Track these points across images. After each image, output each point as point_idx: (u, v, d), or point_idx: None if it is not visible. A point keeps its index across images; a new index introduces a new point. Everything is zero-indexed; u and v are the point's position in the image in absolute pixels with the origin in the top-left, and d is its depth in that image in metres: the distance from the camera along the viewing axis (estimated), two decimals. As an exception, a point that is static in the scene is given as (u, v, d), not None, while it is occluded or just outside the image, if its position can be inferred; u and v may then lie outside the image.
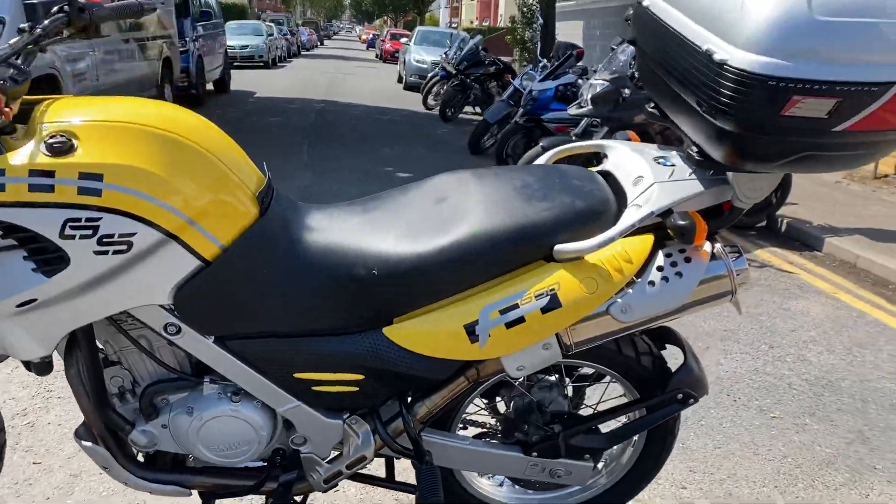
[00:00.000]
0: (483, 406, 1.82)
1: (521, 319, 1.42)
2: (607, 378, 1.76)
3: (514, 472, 1.72)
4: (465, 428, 1.83)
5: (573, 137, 5.31)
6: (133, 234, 1.29)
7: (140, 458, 1.61)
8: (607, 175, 1.61)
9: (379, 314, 1.47)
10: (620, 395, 1.79)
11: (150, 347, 1.49)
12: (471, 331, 1.42)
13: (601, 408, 1.78)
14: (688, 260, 1.45)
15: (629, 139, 1.72)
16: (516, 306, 1.42)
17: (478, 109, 10.98)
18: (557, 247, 1.43)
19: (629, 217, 1.42)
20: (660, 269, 1.44)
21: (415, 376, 1.49)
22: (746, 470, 2.35)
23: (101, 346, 1.49)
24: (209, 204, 1.35)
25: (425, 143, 8.93)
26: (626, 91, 5.02)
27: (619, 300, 1.44)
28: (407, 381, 1.51)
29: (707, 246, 1.47)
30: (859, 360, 3.31)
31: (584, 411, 1.82)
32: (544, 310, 1.41)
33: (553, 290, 1.41)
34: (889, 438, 2.63)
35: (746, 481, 2.29)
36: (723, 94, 1.27)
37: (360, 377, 1.49)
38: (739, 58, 1.25)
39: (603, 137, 5.23)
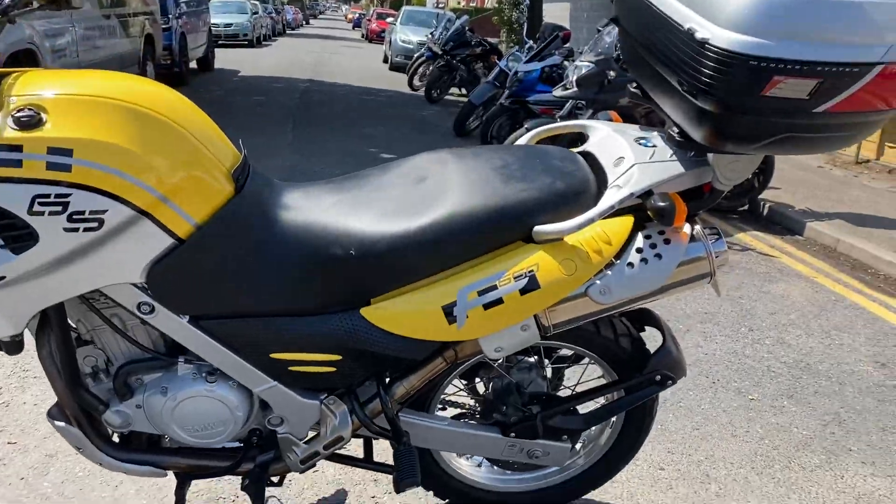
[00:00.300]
0: (462, 387, 1.82)
1: (499, 301, 1.41)
2: (586, 360, 1.76)
3: (491, 452, 1.72)
4: (443, 408, 1.83)
5: (558, 120, 5.30)
6: (104, 211, 1.26)
7: (115, 438, 1.59)
8: (588, 155, 1.60)
9: (356, 295, 1.45)
10: (599, 377, 1.80)
11: (124, 327, 1.47)
12: (449, 312, 1.41)
13: (580, 389, 1.78)
14: (667, 241, 1.44)
15: (611, 119, 1.71)
16: (494, 287, 1.41)
17: (463, 91, 10.93)
18: (536, 228, 1.42)
19: (609, 198, 1.41)
20: (639, 250, 1.44)
21: (392, 357, 1.48)
22: (724, 451, 2.37)
23: (73, 325, 1.47)
24: (183, 181, 1.33)
25: (410, 124, 8.89)
26: (612, 73, 5.00)
27: (597, 282, 1.43)
28: (384, 361, 1.50)
29: (686, 228, 1.46)
30: (837, 343, 3.34)
31: (563, 392, 1.82)
32: (523, 291, 1.40)
33: (532, 271, 1.40)
34: (864, 420, 2.66)
35: (724, 462, 2.31)
36: (704, 74, 1.26)
37: (338, 358, 1.47)
38: (721, 37, 1.23)
39: (587, 119, 5.22)
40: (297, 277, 1.42)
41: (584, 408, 1.72)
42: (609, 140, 1.57)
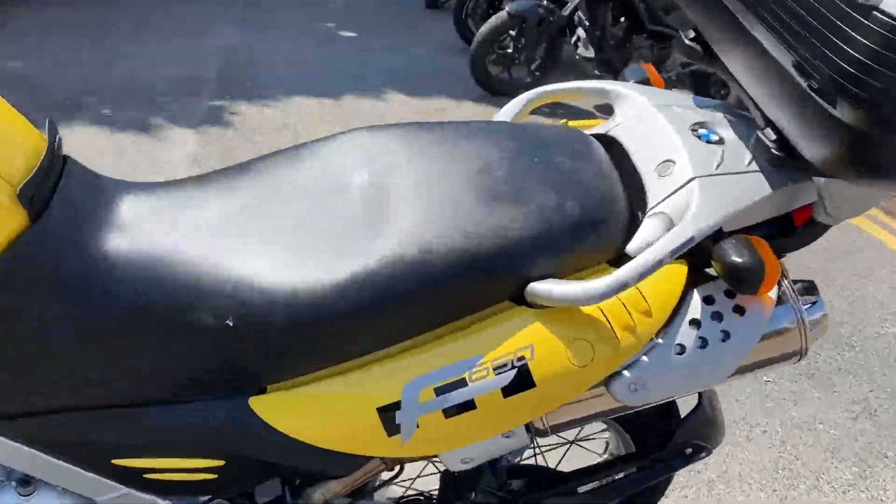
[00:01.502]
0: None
1: (468, 405, 0.88)
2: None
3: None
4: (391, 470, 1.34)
5: (545, 2, 4.57)
6: None
7: None
8: (612, 144, 1.03)
9: (241, 378, 0.91)
10: (602, 430, 1.32)
11: None
12: (388, 415, 0.88)
13: (579, 441, 1.31)
14: (740, 311, 0.91)
15: (646, 79, 1.13)
16: (462, 383, 0.87)
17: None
18: (533, 286, 0.87)
19: (652, 248, 0.85)
20: (695, 323, 0.90)
21: (302, 470, 0.97)
22: (739, 464, 1.94)
23: None
24: None
25: (376, -8, 7.95)
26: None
27: (626, 373, 0.90)
28: (291, 472, 1.00)
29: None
30: (859, 295, 2.89)
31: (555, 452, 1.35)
32: (507, 391, 0.87)
33: (522, 358, 0.87)
34: (898, 409, 2.24)
35: (740, 482, 1.88)
36: (859, 64, 0.68)
37: (218, 463, 0.96)
38: None
39: (579, 8, 4.50)
40: (143, 353, 0.88)
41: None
42: (647, 122, 1.00)
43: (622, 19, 4.62)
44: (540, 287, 0.87)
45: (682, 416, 1.19)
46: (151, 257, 0.87)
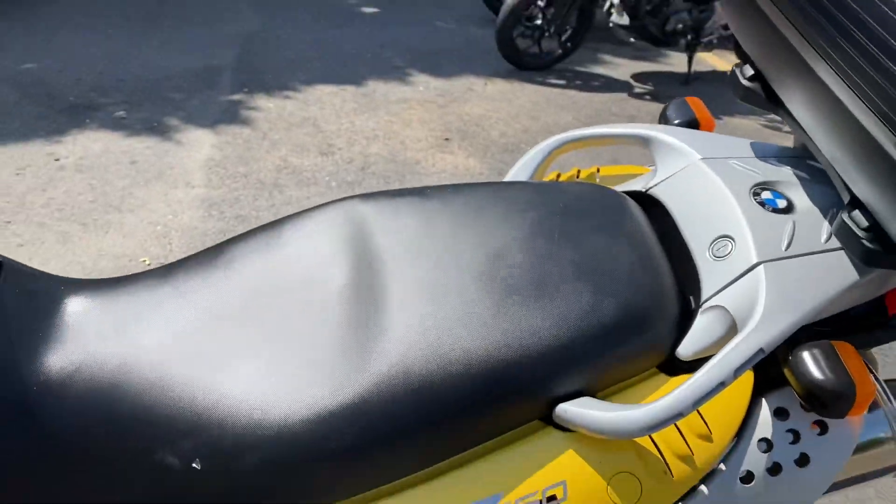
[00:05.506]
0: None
1: None
2: None
3: None
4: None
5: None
6: None
7: None
8: (654, 204, 0.86)
9: None
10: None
11: None
12: None
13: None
14: (821, 427, 0.74)
15: (693, 120, 0.94)
16: None
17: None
18: (563, 408, 0.71)
19: (710, 369, 0.68)
20: (765, 443, 0.73)
21: None
22: None
23: None
24: None
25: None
26: None
27: (681, 510, 0.74)
28: None
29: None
30: None
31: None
32: None
33: (554, 499, 0.71)
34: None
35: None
36: None
37: None
38: None
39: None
40: (97, 495, 0.74)
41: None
42: (697, 183, 0.82)
43: (657, -19, 4.35)
44: (571, 411, 0.70)
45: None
46: (97, 384, 0.73)
